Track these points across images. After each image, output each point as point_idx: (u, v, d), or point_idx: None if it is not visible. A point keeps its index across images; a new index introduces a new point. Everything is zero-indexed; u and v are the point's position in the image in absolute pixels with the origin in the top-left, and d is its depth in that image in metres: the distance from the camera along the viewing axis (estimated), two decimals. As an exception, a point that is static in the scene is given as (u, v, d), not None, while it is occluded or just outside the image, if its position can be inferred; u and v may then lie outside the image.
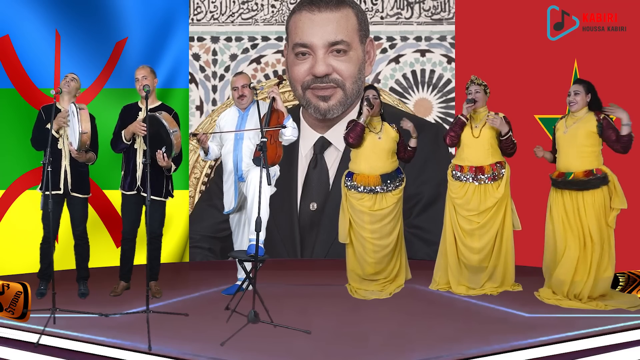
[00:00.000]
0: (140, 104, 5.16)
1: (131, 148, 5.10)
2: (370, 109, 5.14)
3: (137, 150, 5.09)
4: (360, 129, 5.14)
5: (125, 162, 5.14)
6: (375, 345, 4.09)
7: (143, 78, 5.04)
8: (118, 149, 5.13)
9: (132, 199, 5.14)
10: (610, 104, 4.71)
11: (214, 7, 6.55)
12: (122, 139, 5.03)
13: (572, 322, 4.42)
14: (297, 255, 6.60)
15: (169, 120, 4.90)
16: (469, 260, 5.15)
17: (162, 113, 4.93)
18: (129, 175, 5.11)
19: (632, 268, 5.02)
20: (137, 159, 5.10)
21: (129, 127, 5.01)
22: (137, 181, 5.09)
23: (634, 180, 5.82)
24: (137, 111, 5.14)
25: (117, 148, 5.13)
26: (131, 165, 5.11)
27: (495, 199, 5.08)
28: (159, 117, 4.87)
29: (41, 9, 6.10)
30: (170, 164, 5.02)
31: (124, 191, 5.15)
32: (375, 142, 5.19)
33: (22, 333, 4.19)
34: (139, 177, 5.08)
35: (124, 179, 5.14)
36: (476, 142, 5.11)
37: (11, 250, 5.98)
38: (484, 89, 5.14)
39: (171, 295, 5.18)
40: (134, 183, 5.11)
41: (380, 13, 6.54)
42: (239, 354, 3.89)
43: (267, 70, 6.60)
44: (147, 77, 5.06)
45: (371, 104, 5.14)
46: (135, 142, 5.09)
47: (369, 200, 5.19)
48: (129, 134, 5.02)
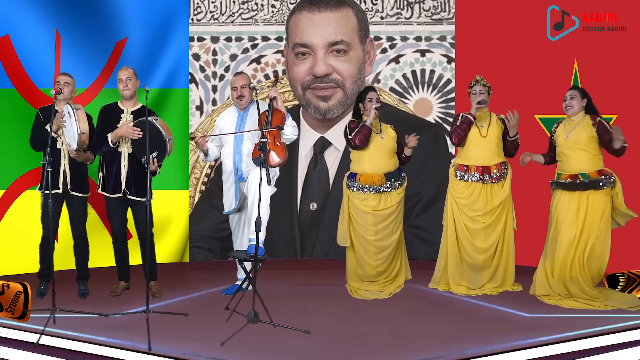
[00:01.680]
0: (120, 104, 5.12)
1: (114, 151, 5.01)
2: (379, 111, 5.17)
3: (122, 153, 5.01)
4: (368, 131, 5.14)
5: (107, 165, 5.04)
6: (375, 345, 4.09)
7: (127, 80, 5.02)
8: (101, 151, 5.02)
9: (116, 201, 5.08)
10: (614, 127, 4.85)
11: (214, 7, 6.54)
12: (108, 141, 4.94)
13: (572, 322, 4.42)
14: (297, 255, 6.60)
15: (164, 127, 4.89)
16: (474, 259, 5.15)
17: (157, 119, 4.91)
18: (111, 178, 5.03)
19: (632, 268, 5.02)
20: (121, 162, 5.02)
21: (116, 130, 4.94)
22: (122, 184, 5.02)
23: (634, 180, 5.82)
24: (119, 112, 5.08)
25: (101, 150, 5.02)
26: (114, 169, 5.02)
27: (501, 199, 5.11)
28: (155, 124, 4.84)
29: (41, 9, 6.10)
30: (157, 168, 4.99)
31: (108, 194, 5.08)
32: (379, 142, 5.20)
33: (22, 333, 4.20)
34: (124, 180, 5.02)
35: (106, 182, 5.05)
36: (484, 141, 5.13)
37: (11, 250, 5.98)
38: (487, 90, 5.17)
39: (171, 295, 5.19)
40: (118, 186, 5.03)
41: (380, 13, 6.54)
42: (239, 353, 3.89)
43: (267, 70, 6.60)
44: (131, 79, 5.04)
45: (381, 107, 5.18)
46: (120, 145, 5.02)
47: (373, 200, 5.19)
48: (116, 138, 4.94)
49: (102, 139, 4.99)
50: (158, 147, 4.81)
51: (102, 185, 5.09)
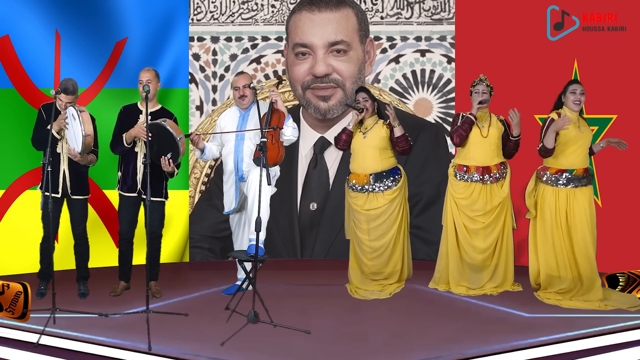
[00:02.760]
0: (140, 105, 5.15)
1: (131, 150, 5.09)
2: (360, 113, 5.16)
3: (138, 154, 5.08)
4: (346, 135, 5.22)
5: (125, 164, 5.13)
6: (375, 345, 4.09)
7: (147, 82, 5.02)
8: (117, 150, 5.12)
9: (130, 199, 5.14)
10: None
11: (214, 7, 6.54)
12: (123, 142, 5.02)
13: (572, 322, 4.42)
14: (297, 255, 6.60)
15: (174, 127, 4.91)
16: (473, 259, 5.15)
17: (166, 120, 4.93)
18: (128, 177, 5.10)
19: (632, 268, 5.02)
20: (137, 162, 5.09)
21: (130, 131, 5.00)
22: (138, 184, 5.08)
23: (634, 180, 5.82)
24: (138, 113, 5.12)
25: (117, 150, 5.12)
26: (131, 168, 5.09)
27: (500, 198, 5.12)
28: (165, 125, 4.87)
29: (41, 9, 6.10)
30: (174, 169, 5.04)
31: (123, 192, 5.15)
32: (362, 141, 5.21)
33: (22, 333, 4.20)
34: (140, 180, 5.07)
35: (122, 181, 5.14)
36: (484, 141, 5.12)
37: (11, 250, 5.98)
38: (490, 90, 5.17)
39: (171, 295, 5.19)
40: (134, 185, 5.10)
41: (380, 13, 6.54)
42: (239, 354, 3.89)
43: (267, 70, 6.60)
44: (151, 81, 5.04)
45: (360, 108, 5.16)
46: (136, 145, 5.08)
47: (361, 199, 5.23)
48: (130, 138, 5.01)
49: (118, 139, 5.05)
50: (170, 148, 4.87)
51: (120, 183, 5.15)
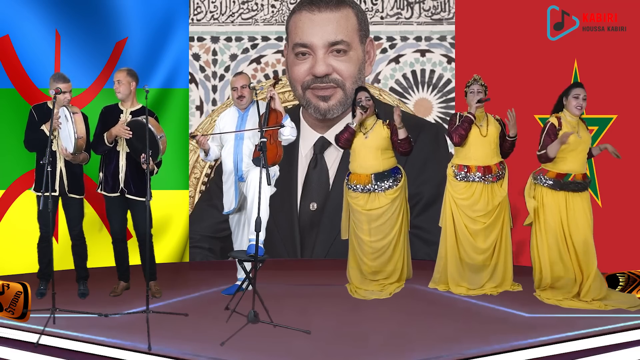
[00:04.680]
0: (120, 105, 5.15)
1: (113, 150, 5.06)
2: (364, 112, 5.16)
3: (120, 153, 5.06)
4: (349, 133, 5.20)
5: (106, 164, 5.11)
6: (375, 345, 4.09)
7: (118, 82, 5.03)
8: (99, 151, 5.10)
9: (115, 200, 5.12)
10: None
11: (214, 7, 6.54)
12: (104, 141, 5.00)
13: (572, 322, 4.42)
14: (297, 255, 6.60)
15: (155, 125, 4.90)
16: (474, 259, 5.15)
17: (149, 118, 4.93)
18: (110, 178, 5.08)
19: (632, 268, 5.02)
20: (119, 161, 5.07)
21: (111, 130, 4.98)
22: (121, 183, 5.06)
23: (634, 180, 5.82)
24: (119, 113, 5.11)
25: (99, 150, 5.10)
26: (112, 168, 5.07)
27: (501, 198, 5.12)
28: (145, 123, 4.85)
29: (41, 9, 6.09)
30: (153, 167, 5.03)
31: (107, 193, 5.13)
32: (362, 141, 5.21)
33: (22, 333, 4.20)
34: (122, 180, 5.06)
35: (104, 182, 5.11)
36: (484, 141, 5.12)
37: (11, 250, 5.98)
38: (484, 89, 5.16)
39: (171, 295, 5.19)
40: (116, 185, 5.08)
41: (380, 13, 6.54)
42: (239, 354, 3.89)
43: (267, 70, 6.60)
44: (121, 82, 5.03)
45: (365, 107, 5.16)
46: (118, 145, 5.06)
47: (362, 199, 5.23)
48: (111, 137, 4.99)
49: (99, 138, 5.04)
50: (150, 145, 4.83)
51: (102, 184, 5.13)
